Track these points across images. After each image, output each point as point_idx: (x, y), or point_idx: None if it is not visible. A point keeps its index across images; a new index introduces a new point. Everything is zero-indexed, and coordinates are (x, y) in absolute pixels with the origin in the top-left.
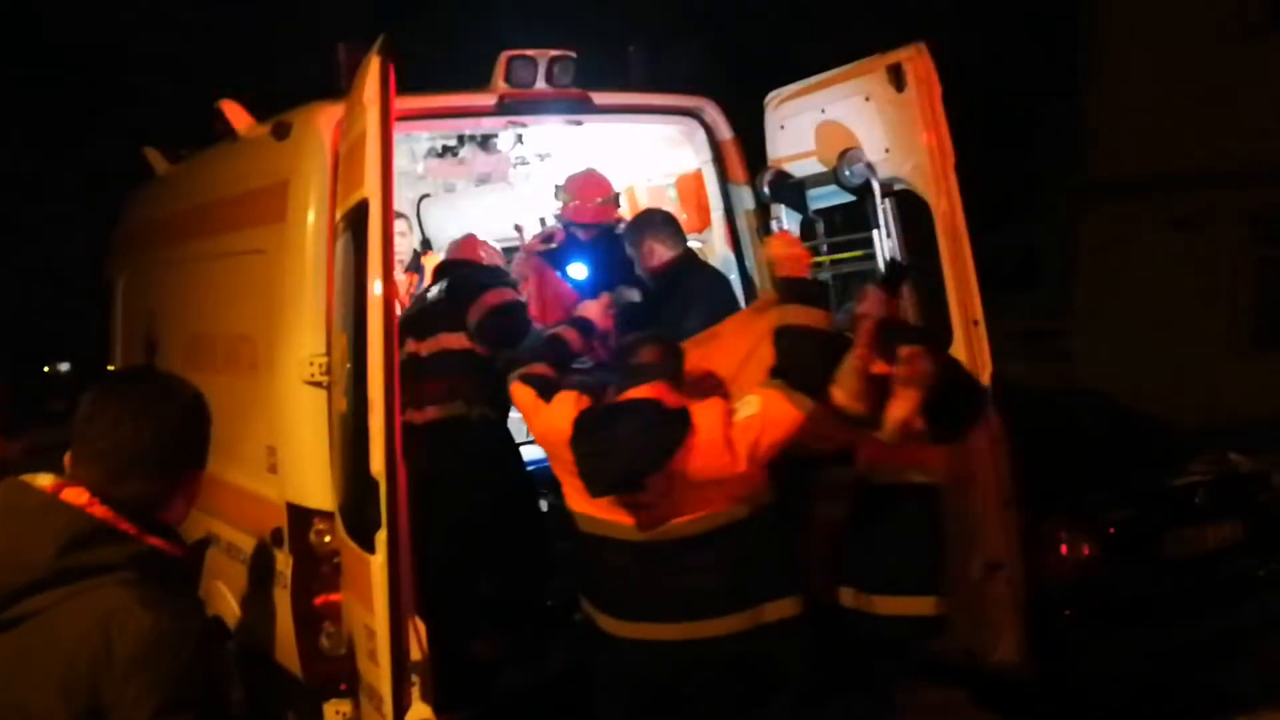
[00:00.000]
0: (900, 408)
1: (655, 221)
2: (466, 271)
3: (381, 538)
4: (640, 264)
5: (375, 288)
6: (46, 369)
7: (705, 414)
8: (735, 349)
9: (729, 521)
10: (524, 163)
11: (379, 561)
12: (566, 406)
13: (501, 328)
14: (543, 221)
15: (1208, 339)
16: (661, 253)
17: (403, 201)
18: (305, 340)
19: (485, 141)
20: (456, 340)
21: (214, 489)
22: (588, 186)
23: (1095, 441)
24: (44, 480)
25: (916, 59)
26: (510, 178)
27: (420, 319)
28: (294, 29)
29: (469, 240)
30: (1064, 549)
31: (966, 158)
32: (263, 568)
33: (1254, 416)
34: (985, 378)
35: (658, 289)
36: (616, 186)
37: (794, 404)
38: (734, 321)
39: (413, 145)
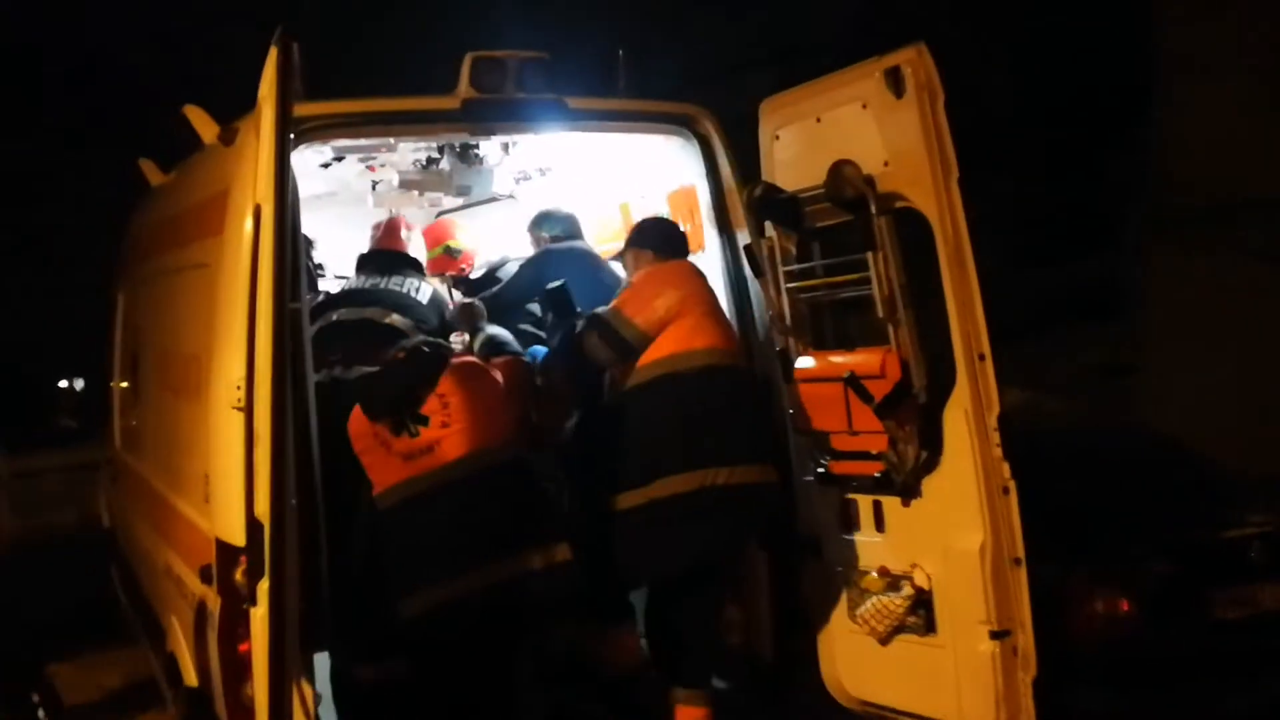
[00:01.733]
0: None
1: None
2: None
3: (264, 589)
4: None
5: (264, 305)
6: (63, 384)
7: None
8: None
9: None
10: (526, 178)
11: (259, 614)
12: None
13: None
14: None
15: None
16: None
17: (418, 218)
18: (236, 362)
19: (464, 152)
20: None
21: (169, 514)
22: (426, 236)
23: (1142, 487)
24: None
25: (916, 62)
26: (515, 193)
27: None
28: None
29: (393, 223)
30: (1097, 606)
31: (1034, 183)
32: (201, 606)
33: None
34: (992, 419)
35: None
36: (614, 202)
37: None
38: None
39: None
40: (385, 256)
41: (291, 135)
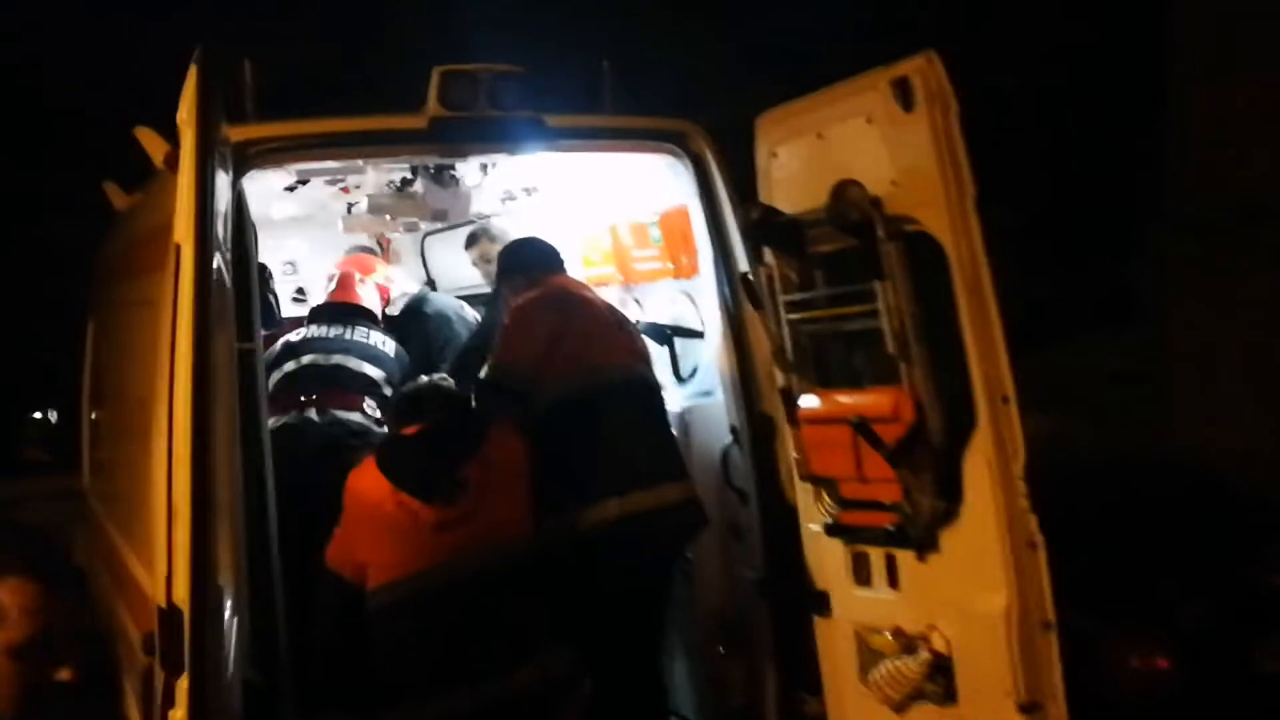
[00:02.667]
0: None
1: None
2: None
3: (182, 688)
4: None
5: (179, 360)
6: (38, 415)
7: None
8: None
9: None
10: (511, 198)
11: (178, 716)
12: None
13: None
14: None
15: None
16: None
17: (405, 240)
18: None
19: (439, 174)
20: None
21: (121, 568)
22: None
23: (1178, 526)
24: None
25: (927, 71)
26: (501, 214)
27: None
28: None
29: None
30: (1133, 664)
31: (1054, 189)
32: (147, 676)
33: None
34: (1018, 467)
35: None
36: (603, 223)
37: None
38: None
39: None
40: (340, 309)
41: (230, 160)
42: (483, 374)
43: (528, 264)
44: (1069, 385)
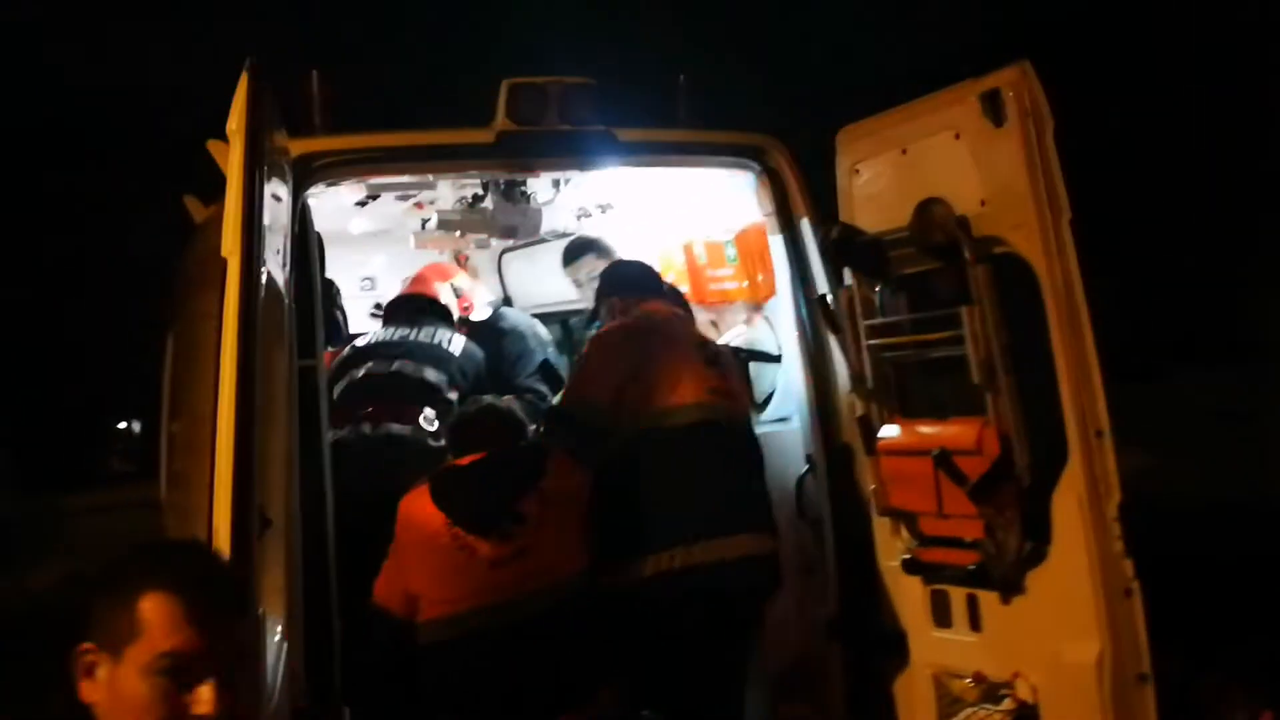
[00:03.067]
0: None
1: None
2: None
3: None
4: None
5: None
6: (122, 425)
7: None
8: None
9: None
10: (586, 215)
11: None
12: None
13: None
14: None
15: None
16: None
17: (482, 257)
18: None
19: (509, 190)
20: None
21: None
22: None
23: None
24: None
25: (1020, 84)
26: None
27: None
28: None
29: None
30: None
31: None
32: None
33: None
34: (1112, 507)
35: None
36: (678, 241)
37: None
38: None
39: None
40: (412, 303)
41: (291, 173)
42: (555, 400)
43: (622, 287)
44: (1170, 422)
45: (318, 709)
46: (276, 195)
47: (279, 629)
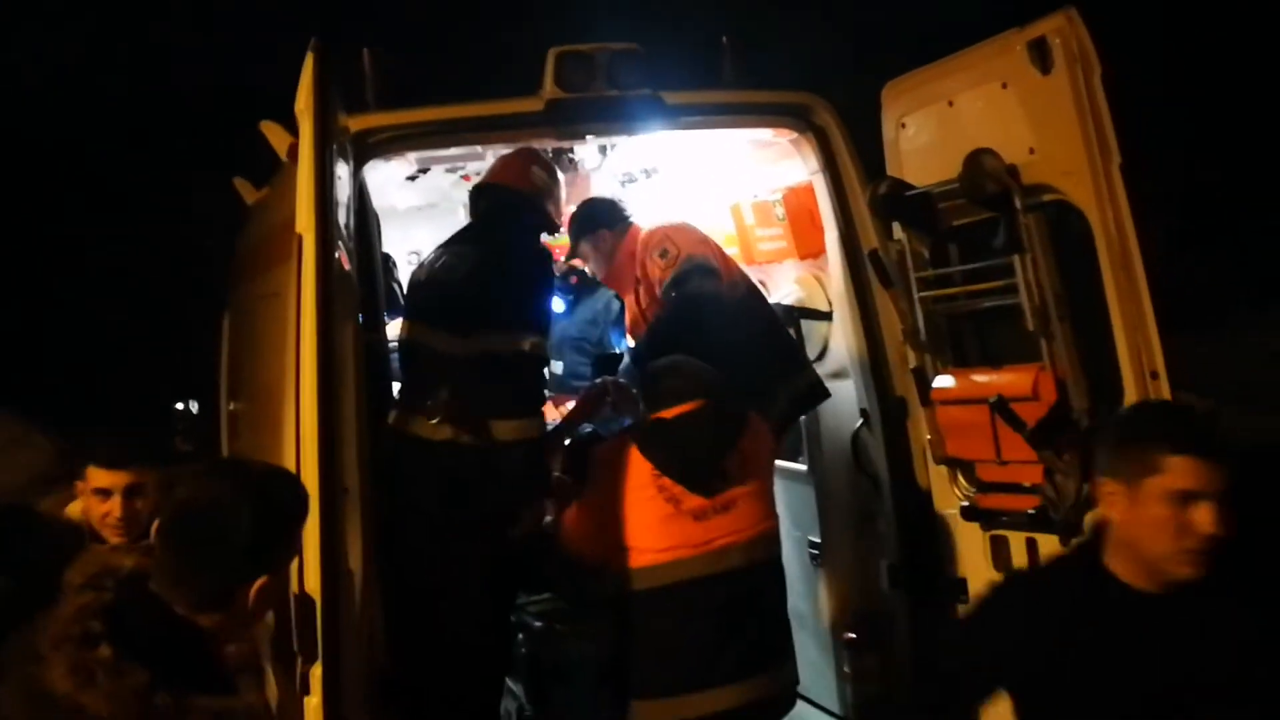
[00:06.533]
0: None
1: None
2: None
3: (316, 675)
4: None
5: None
6: (180, 406)
7: None
8: None
9: None
10: (631, 180)
11: (312, 704)
12: None
13: None
14: None
15: None
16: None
17: None
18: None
19: (557, 158)
20: None
21: None
22: None
23: None
24: None
25: (1067, 30)
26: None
27: None
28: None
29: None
30: None
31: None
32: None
33: None
34: None
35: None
36: (724, 203)
37: None
38: None
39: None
40: None
41: (350, 150)
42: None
43: (606, 218)
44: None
45: (401, 674)
46: (338, 173)
47: (359, 594)
